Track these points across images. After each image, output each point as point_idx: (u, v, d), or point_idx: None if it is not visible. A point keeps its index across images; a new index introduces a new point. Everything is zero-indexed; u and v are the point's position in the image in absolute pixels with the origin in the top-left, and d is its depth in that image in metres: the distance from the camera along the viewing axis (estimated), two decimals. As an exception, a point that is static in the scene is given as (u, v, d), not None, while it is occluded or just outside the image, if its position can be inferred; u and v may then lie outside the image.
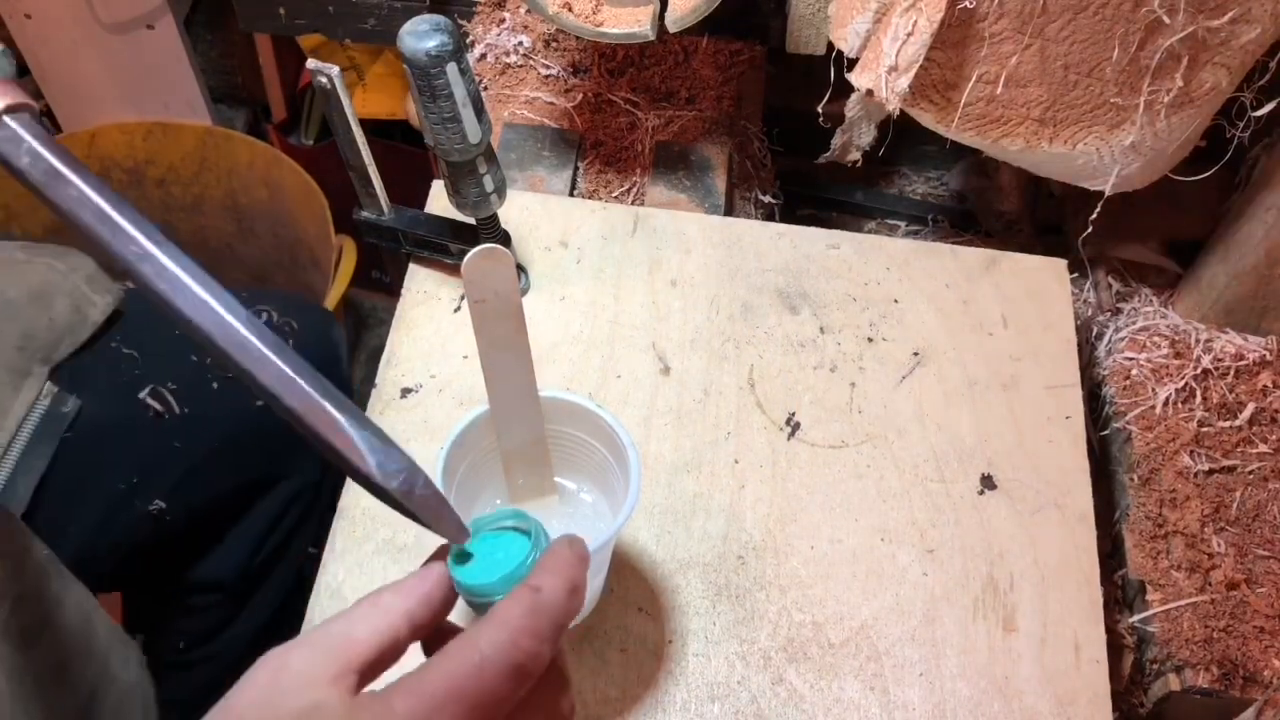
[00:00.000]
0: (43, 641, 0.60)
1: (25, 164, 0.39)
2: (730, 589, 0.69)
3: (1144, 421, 0.84)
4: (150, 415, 0.77)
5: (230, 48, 1.57)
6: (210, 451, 0.80)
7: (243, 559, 0.87)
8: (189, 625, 0.89)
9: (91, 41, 1.44)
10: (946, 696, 0.65)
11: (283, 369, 0.40)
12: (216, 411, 0.80)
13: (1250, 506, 0.80)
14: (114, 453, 0.76)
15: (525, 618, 0.40)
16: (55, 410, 0.73)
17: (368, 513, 0.72)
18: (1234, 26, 0.73)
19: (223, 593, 0.88)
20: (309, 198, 1.45)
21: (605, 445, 0.62)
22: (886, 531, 0.72)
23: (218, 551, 0.86)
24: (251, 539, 0.86)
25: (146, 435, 0.77)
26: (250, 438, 0.82)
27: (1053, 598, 0.69)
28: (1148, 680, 0.76)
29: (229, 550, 0.86)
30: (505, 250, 0.52)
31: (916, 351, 0.81)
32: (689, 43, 1.02)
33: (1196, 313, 0.91)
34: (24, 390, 0.71)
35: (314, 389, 0.40)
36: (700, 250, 0.86)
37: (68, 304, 0.76)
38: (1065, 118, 0.78)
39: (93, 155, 1.50)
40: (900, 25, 0.74)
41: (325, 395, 0.40)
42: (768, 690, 0.65)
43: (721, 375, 0.79)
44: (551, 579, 0.42)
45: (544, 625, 0.40)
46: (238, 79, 1.61)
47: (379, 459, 0.41)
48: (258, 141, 1.51)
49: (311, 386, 0.40)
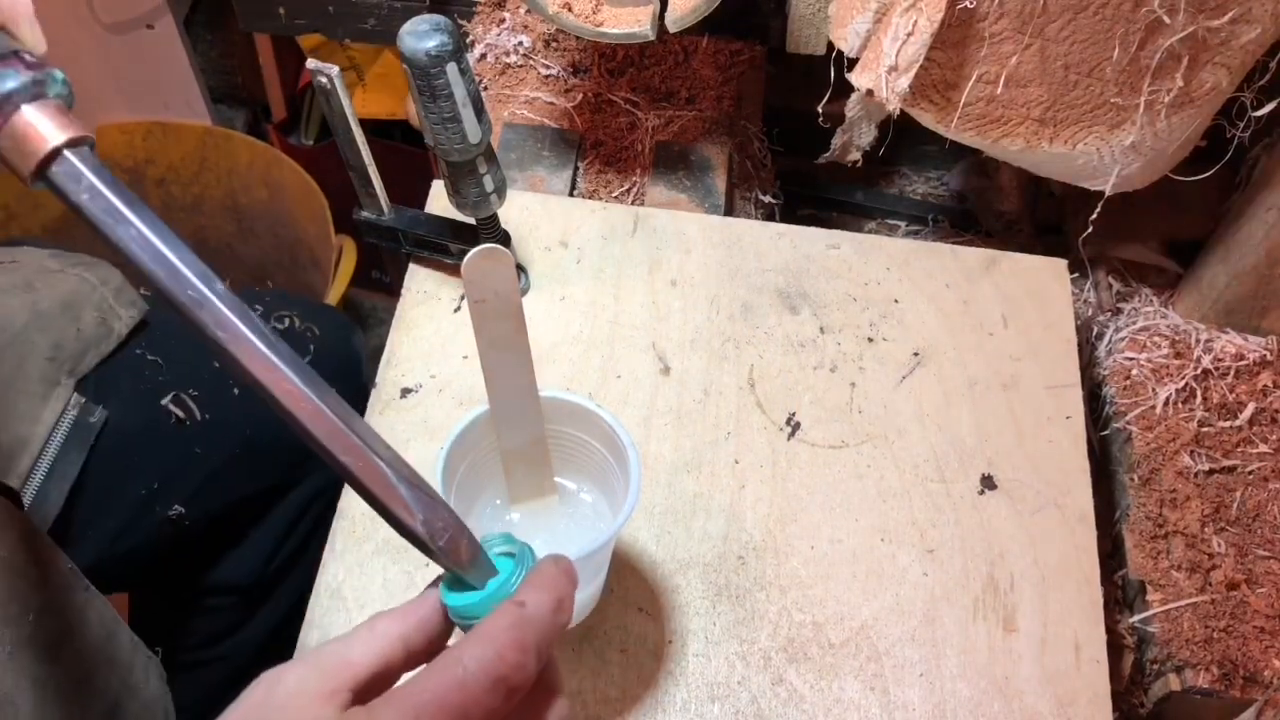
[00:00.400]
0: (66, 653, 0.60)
1: (84, 200, 0.39)
2: (730, 589, 0.69)
3: (1144, 421, 0.84)
4: (172, 422, 0.78)
5: (230, 48, 1.57)
6: (230, 457, 0.81)
7: (259, 563, 0.87)
8: (201, 627, 0.89)
9: (91, 41, 1.44)
10: (946, 697, 0.65)
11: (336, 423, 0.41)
12: (237, 418, 0.81)
13: (1250, 506, 0.80)
14: (137, 459, 0.76)
15: (508, 631, 0.41)
16: (83, 420, 0.73)
17: (367, 513, 0.72)
18: (1234, 26, 0.72)
19: (237, 595, 0.88)
20: (309, 198, 1.45)
21: (605, 445, 0.62)
22: (887, 531, 0.72)
23: (234, 555, 0.86)
24: (268, 543, 0.87)
25: (168, 441, 0.78)
26: (269, 444, 0.83)
27: (1053, 598, 0.69)
28: (1148, 680, 0.76)
29: (245, 554, 0.86)
30: (505, 250, 0.52)
31: (916, 351, 0.81)
32: (689, 43, 1.02)
33: (1197, 313, 0.91)
34: (53, 400, 0.72)
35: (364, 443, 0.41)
36: (700, 250, 0.86)
37: (95, 316, 0.76)
38: (1065, 118, 0.78)
39: (93, 155, 1.50)
40: (900, 25, 0.74)
41: (374, 450, 0.42)
42: (768, 690, 0.65)
43: (721, 375, 0.79)
44: (536, 594, 0.43)
45: (528, 638, 0.41)
46: (237, 79, 1.61)
47: (425, 515, 0.42)
48: (258, 141, 1.51)
49: (362, 439, 0.41)
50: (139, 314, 0.79)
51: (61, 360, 0.73)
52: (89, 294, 0.77)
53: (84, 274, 0.78)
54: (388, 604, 0.68)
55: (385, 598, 0.69)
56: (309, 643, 0.68)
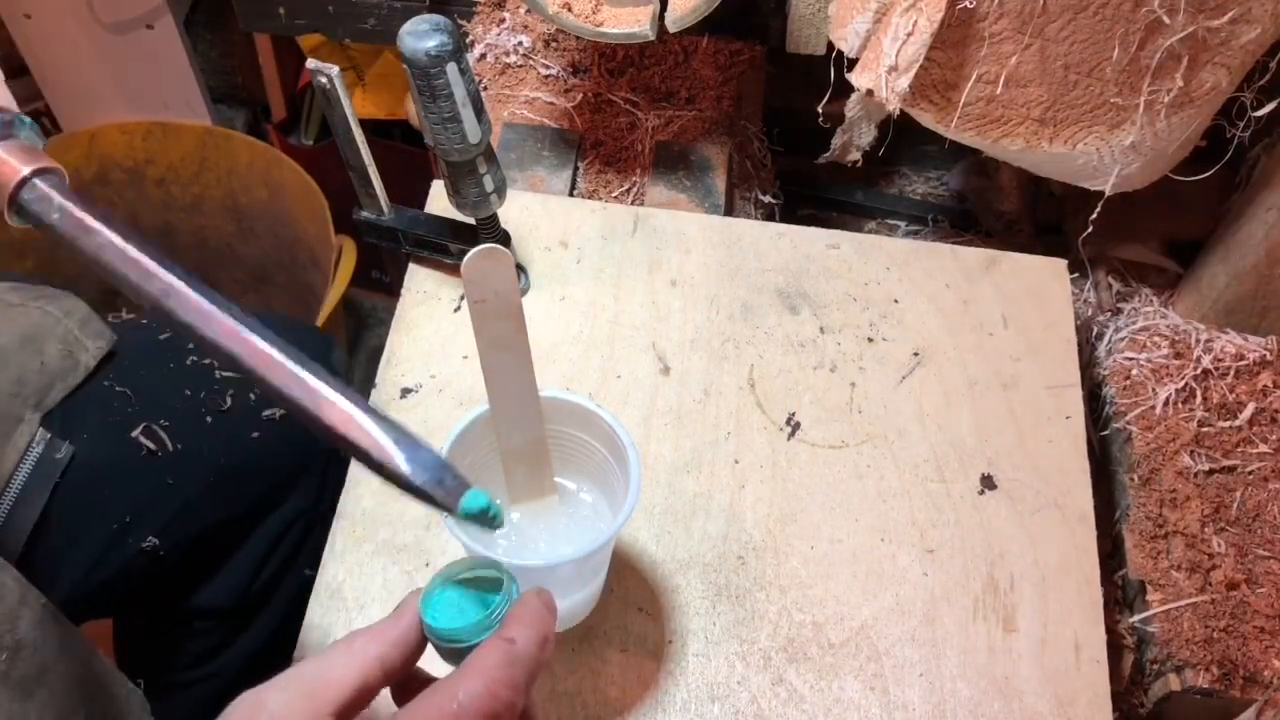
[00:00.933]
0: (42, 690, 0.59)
1: (55, 219, 0.45)
2: (730, 589, 0.69)
3: (1144, 421, 0.84)
4: (143, 454, 0.76)
5: (230, 47, 1.57)
6: (204, 486, 0.79)
7: (240, 585, 0.86)
8: (188, 648, 0.88)
9: (91, 41, 1.44)
10: (946, 697, 0.65)
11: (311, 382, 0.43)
12: (210, 446, 0.79)
13: (1250, 506, 0.80)
14: (107, 493, 0.75)
15: (501, 669, 0.41)
16: (49, 456, 0.72)
17: (367, 514, 0.72)
18: (1234, 26, 0.73)
19: (219, 618, 0.87)
20: (309, 198, 1.45)
21: (605, 445, 0.62)
22: (886, 531, 0.72)
23: (214, 581, 0.84)
24: (248, 566, 0.85)
25: (139, 474, 0.76)
26: (245, 469, 0.81)
27: (1053, 598, 0.69)
28: (1148, 680, 0.76)
29: (226, 578, 0.85)
30: (505, 250, 0.52)
31: (916, 351, 0.81)
32: (689, 43, 1.02)
33: (1197, 313, 0.91)
34: (16, 438, 0.71)
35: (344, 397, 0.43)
36: (700, 250, 0.86)
37: (59, 349, 0.75)
38: (1065, 118, 0.78)
39: (92, 155, 1.50)
40: (900, 25, 0.74)
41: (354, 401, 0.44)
42: (768, 690, 0.65)
43: (721, 375, 0.79)
44: (524, 630, 0.43)
45: (519, 676, 0.42)
46: (237, 79, 1.61)
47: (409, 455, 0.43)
48: (257, 141, 1.51)
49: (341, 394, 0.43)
50: (106, 344, 0.77)
51: (25, 395, 0.72)
52: (52, 327, 0.75)
53: (46, 306, 0.76)
54: (387, 603, 0.68)
55: (385, 597, 0.69)
56: (309, 643, 0.68)
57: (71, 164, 1.48)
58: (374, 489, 0.73)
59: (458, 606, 0.46)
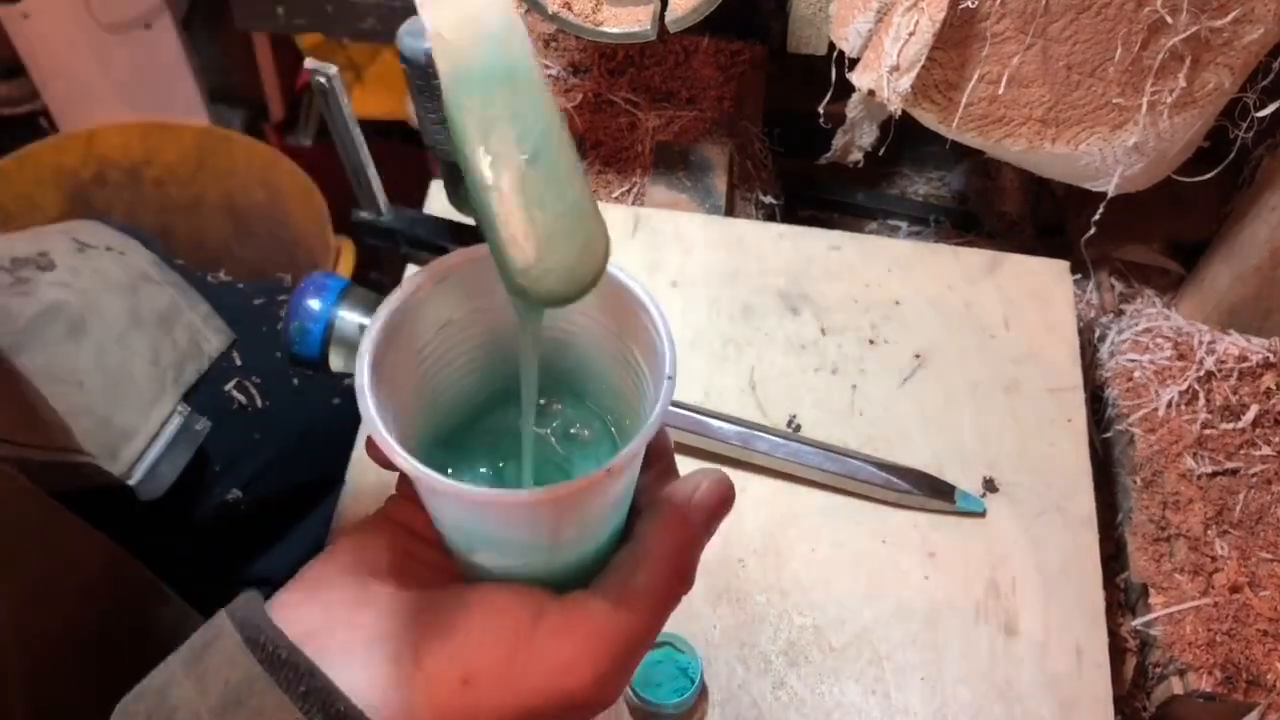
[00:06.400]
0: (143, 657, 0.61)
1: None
2: (731, 592, 0.69)
3: (1147, 424, 0.84)
4: (234, 407, 0.81)
5: (228, 47, 1.57)
6: (287, 446, 0.84)
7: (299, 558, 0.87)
8: None
9: (89, 41, 1.44)
10: (948, 701, 0.65)
11: None
12: (295, 407, 0.84)
13: (1254, 509, 0.80)
14: (205, 441, 0.79)
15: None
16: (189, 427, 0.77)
17: (374, 492, 0.72)
18: (1237, 27, 0.72)
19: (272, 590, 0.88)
20: (307, 198, 1.45)
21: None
22: (888, 535, 0.72)
23: (275, 550, 0.88)
24: (310, 538, 0.89)
25: (230, 426, 0.81)
26: (322, 435, 0.85)
27: (1055, 601, 0.69)
28: (1151, 684, 0.76)
29: (287, 548, 0.89)
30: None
31: (918, 353, 0.80)
32: (689, 43, 1.02)
33: (1199, 314, 0.91)
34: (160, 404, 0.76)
35: None
36: (701, 251, 0.86)
37: (186, 334, 0.81)
38: (1068, 118, 0.78)
39: (90, 155, 1.50)
40: (902, 25, 0.74)
41: None
42: (768, 694, 0.65)
43: (722, 376, 0.79)
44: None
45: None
46: (235, 79, 1.61)
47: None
48: (256, 141, 1.51)
49: None
50: (227, 340, 0.83)
51: (163, 367, 0.77)
52: (181, 313, 0.81)
53: (176, 294, 0.82)
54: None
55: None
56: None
57: (69, 164, 1.48)
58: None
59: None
